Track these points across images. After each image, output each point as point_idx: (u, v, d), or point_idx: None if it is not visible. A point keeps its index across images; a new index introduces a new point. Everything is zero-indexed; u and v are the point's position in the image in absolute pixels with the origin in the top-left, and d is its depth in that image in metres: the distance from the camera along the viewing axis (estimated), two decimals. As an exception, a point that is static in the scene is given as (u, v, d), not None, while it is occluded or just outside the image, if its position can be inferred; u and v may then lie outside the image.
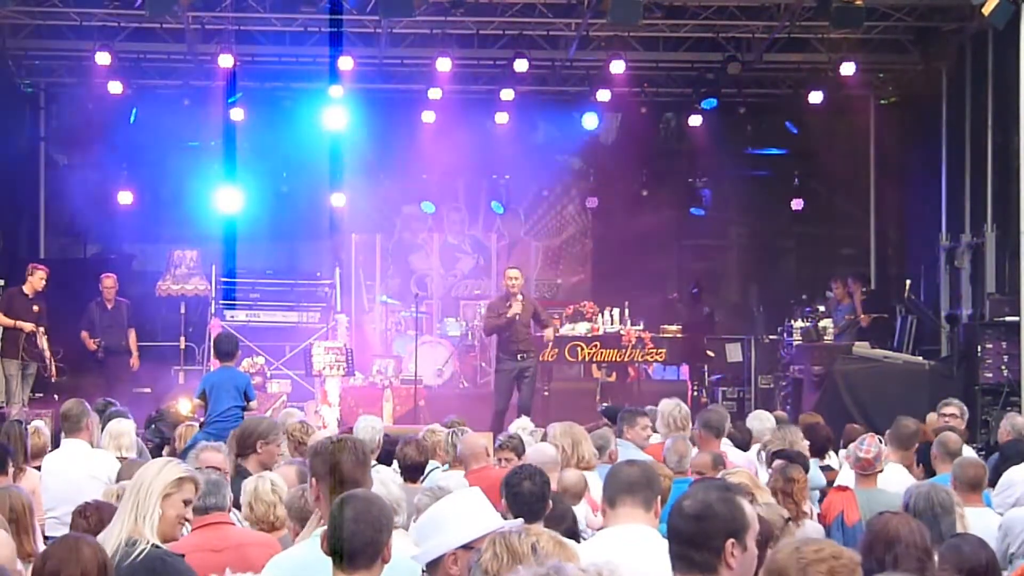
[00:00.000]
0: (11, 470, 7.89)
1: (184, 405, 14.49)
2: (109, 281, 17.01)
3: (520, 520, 4.85)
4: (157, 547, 5.01)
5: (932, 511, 5.88)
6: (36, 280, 15.20)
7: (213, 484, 5.93)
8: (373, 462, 8.37)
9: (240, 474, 6.97)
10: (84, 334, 16.75)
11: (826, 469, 9.00)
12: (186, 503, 5.16)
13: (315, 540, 4.47)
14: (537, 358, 15.60)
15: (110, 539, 5.00)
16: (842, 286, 17.83)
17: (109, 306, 16.96)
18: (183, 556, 5.11)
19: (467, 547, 4.18)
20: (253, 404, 11.69)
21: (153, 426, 12.06)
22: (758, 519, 3.97)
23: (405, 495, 6.34)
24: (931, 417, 11.04)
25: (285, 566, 4.68)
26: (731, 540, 3.80)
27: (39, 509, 7.74)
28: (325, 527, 4.39)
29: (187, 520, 5.24)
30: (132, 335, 17.07)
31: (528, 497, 5.85)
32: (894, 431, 8.83)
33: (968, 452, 9.13)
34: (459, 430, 9.24)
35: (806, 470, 7.72)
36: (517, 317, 14.91)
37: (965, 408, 10.84)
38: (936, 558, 5.13)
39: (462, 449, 8.54)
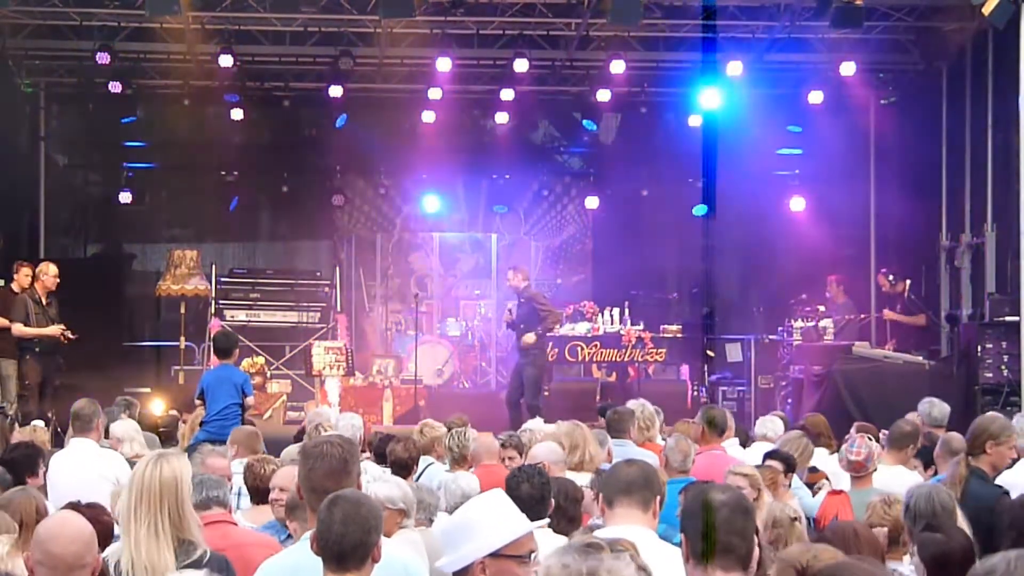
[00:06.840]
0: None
1: (157, 406, 14.37)
2: (53, 268, 14.77)
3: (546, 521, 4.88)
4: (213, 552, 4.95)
5: (933, 512, 5.86)
6: (22, 278, 15.12)
7: (214, 481, 5.80)
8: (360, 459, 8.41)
9: (975, 473, 6.59)
10: (19, 326, 14.48)
11: (814, 470, 8.99)
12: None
13: (305, 542, 4.47)
14: (533, 356, 15.62)
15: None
16: (835, 285, 17.84)
17: (45, 301, 14.64)
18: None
19: (495, 555, 3.99)
20: (249, 401, 11.61)
21: None
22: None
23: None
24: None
25: (277, 568, 4.67)
26: None
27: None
28: (314, 528, 4.37)
29: None
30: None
31: (528, 500, 5.72)
32: (891, 432, 8.80)
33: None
34: (459, 431, 9.20)
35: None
36: (512, 314, 16.09)
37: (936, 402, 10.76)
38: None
39: (476, 447, 8.74)
